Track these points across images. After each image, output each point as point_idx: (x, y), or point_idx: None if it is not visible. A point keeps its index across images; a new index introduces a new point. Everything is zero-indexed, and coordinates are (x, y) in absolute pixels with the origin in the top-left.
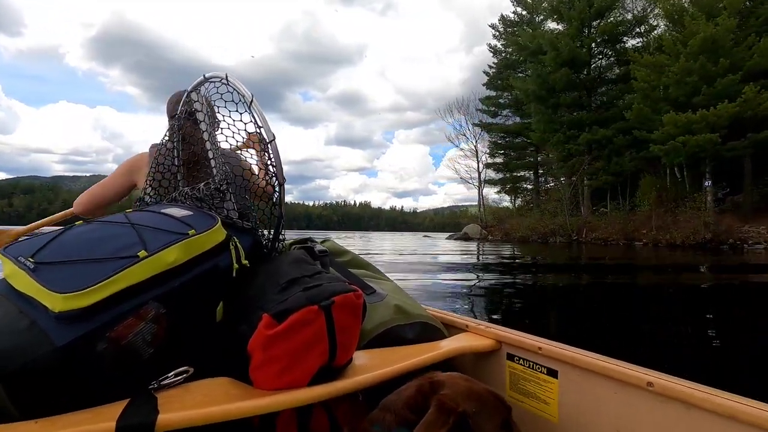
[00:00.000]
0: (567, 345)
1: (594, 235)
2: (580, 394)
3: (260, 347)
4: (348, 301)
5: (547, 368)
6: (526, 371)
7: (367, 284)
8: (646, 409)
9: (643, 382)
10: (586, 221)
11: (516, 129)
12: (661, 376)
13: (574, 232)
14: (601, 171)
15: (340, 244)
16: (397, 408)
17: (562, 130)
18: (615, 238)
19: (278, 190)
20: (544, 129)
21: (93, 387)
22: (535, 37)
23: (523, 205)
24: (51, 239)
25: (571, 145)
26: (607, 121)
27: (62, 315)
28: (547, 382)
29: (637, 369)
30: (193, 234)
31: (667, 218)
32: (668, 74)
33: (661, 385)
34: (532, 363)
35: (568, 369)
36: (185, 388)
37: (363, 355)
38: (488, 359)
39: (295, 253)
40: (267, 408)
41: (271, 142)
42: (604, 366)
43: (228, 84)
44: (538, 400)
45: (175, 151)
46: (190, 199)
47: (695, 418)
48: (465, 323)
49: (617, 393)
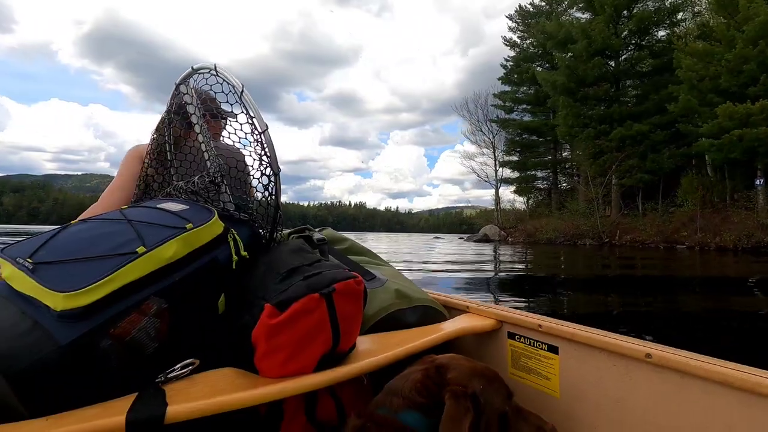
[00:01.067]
0: (566, 321)
1: (629, 238)
2: (581, 369)
3: (264, 337)
4: (349, 288)
5: (548, 345)
6: (528, 348)
7: (367, 270)
8: (644, 379)
9: (642, 354)
10: (619, 222)
11: (535, 125)
12: (659, 347)
13: (605, 234)
14: (636, 168)
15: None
16: (404, 392)
17: (592, 125)
18: (653, 241)
19: (273, 180)
20: (572, 124)
21: (100, 383)
22: (562, 26)
23: (542, 206)
24: (48, 239)
25: (602, 141)
26: (642, 115)
27: (64, 314)
28: (548, 359)
29: (636, 341)
30: (191, 228)
31: (715, 219)
32: (720, 63)
33: (659, 356)
34: (532, 340)
35: (568, 345)
36: (192, 380)
37: (366, 340)
38: (490, 339)
39: (293, 242)
40: (273, 396)
41: (264, 132)
42: (604, 340)
43: (217, 75)
44: (540, 376)
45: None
46: (185, 193)
47: (690, 385)
48: (466, 305)
49: (616, 365)
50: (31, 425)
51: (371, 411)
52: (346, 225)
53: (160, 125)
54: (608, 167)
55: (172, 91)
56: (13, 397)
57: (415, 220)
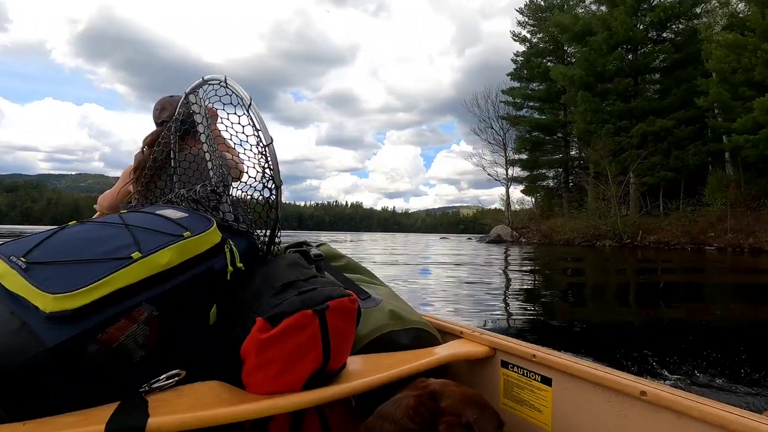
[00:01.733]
0: (561, 353)
1: (652, 238)
2: (574, 403)
3: (254, 351)
4: (342, 306)
5: (542, 376)
6: (521, 379)
7: (362, 289)
8: (639, 417)
9: (637, 391)
10: (640, 223)
11: (546, 123)
12: (654, 386)
13: (626, 234)
14: (659, 166)
15: (342, 248)
16: (397, 418)
17: (611, 121)
18: (679, 242)
19: (275, 193)
20: (590, 120)
21: (83, 389)
22: (579, 18)
23: (553, 206)
24: (44, 239)
25: (622, 137)
26: (664, 110)
27: (53, 316)
28: (541, 390)
29: (631, 378)
30: (188, 236)
31: (746, 219)
32: (754, 54)
33: (654, 394)
34: (526, 370)
35: (562, 377)
36: (177, 392)
37: (357, 360)
38: (482, 366)
39: (290, 256)
40: (259, 413)
41: (269, 145)
42: (598, 375)
43: (227, 87)
44: (532, 408)
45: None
46: (186, 201)
47: (685, 426)
48: (460, 329)
49: (610, 401)
50: (8, 430)
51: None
52: (342, 225)
53: (159, 137)
54: (628, 165)
55: (180, 100)
56: None
57: (412, 220)
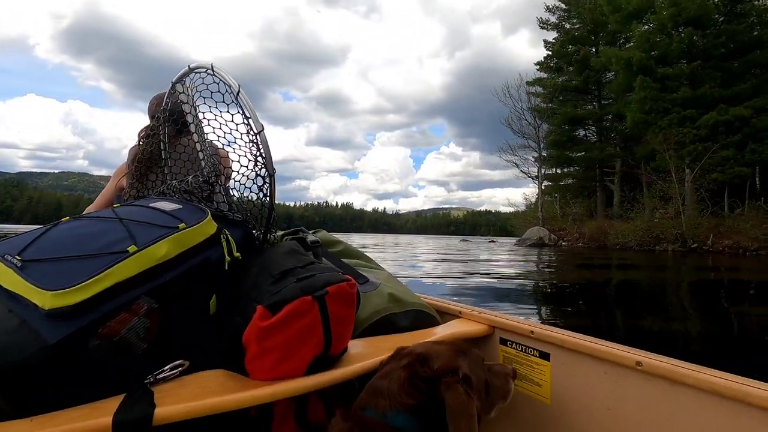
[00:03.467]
0: (558, 328)
1: (728, 243)
2: (572, 376)
3: (255, 339)
4: (342, 291)
5: (540, 351)
6: (519, 355)
7: (360, 273)
8: (635, 387)
9: (632, 362)
10: (714, 224)
11: (584, 114)
12: (649, 355)
13: (692, 238)
14: (731, 161)
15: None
16: (392, 393)
17: (674, 110)
18: (763, 248)
19: (268, 181)
20: (649, 109)
21: (87, 383)
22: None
23: (583, 206)
24: (38, 236)
25: (687, 128)
26: (736, 97)
27: (52, 312)
28: (540, 365)
29: (627, 349)
30: (183, 227)
31: None
32: None
33: (649, 364)
34: (524, 346)
35: (559, 351)
36: (181, 382)
37: (358, 344)
38: (482, 344)
39: (287, 244)
40: (263, 398)
41: (260, 133)
42: (595, 347)
43: (214, 74)
44: (531, 383)
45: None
46: (179, 193)
47: (679, 394)
48: (458, 309)
49: (607, 373)
50: (15, 426)
51: (357, 413)
52: (333, 226)
53: (147, 133)
54: (694, 159)
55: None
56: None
57: (402, 221)
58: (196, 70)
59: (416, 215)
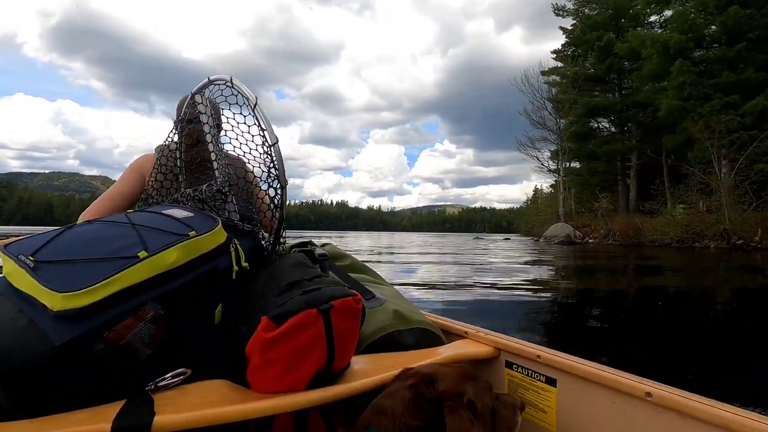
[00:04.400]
0: (565, 353)
1: None
2: (579, 403)
3: (258, 350)
4: (347, 306)
5: (546, 376)
6: (525, 379)
7: (367, 289)
8: (643, 418)
9: (642, 392)
10: (758, 219)
11: (607, 104)
12: (660, 387)
13: (737, 234)
14: None
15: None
16: (396, 413)
17: (716, 96)
18: None
19: (280, 193)
20: (687, 95)
21: (90, 386)
22: None
23: (602, 200)
24: (52, 238)
25: (730, 115)
26: None
27: (61, 314)
28: (546, 391)
29: (636, 379)
30: (194, 235)
31: None
32: None
33: (659, 396)
34: (530, 371)
35: (566, 378)
36: (182, 390)
37: (361, 360)
38: (486, 366)
39: (295, 256)
40: (263, 411)
41: (274, 145)
42: (603, 375)
43: (233, 87)
44: (537, 409)
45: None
46: (192, 201)
47: (691, 428)
48: (464, 330)
49: (615, 402)
50: (17, 427)
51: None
52: (328, 224)
53: (174, 137)
54: (740, 148)
55: (186, 100)
56: (3, 395)
57: (398, 219)
58: (215, 82)
59: (411, 213)
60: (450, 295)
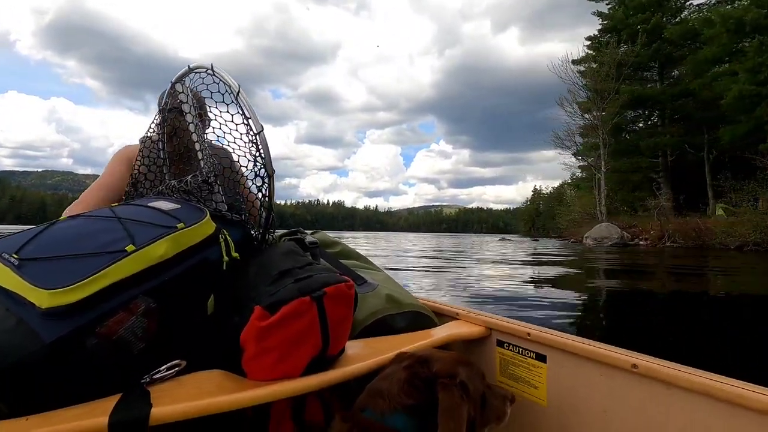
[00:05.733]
0: (555, 330)
1: None
2: (568, 378)
3: (253, 339)
4: (340, 292)
5: (536, 353)
6: (516, 357)
7: (359, 275)
8: (630, 389)
9: (628, 365)
10: None
11: (652, 93)
12: (645, 358)
13: None
14: None
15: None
16: (391, 393)
17: None
18: None
19: (267, 182)
20: (764, 79)
21: (84, 383)
22: None
23: (636, 198)
24: (35, 234)
25: None
26: None
27: (50, 311)
28: (536, 367)
29: (622, 352)
30: (182, 227)
31: None
32: None
33: (645, 367)
34: (521, 348)
35: (556, 354)
36: (178, 382)
37: (355, 345)
38: (478, 346)
39: (285, 244)
40: (260, 399)
41: (259, 133)
42: (591, 350)
43: (214, 74)
44: (528, 385)
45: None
46: (178, 192)
47: (674, 396)
48: (455, 311)
49: (603, 375)
50: (12, 425)
51: (356, 414)
52: (324, 224)
53: (155, 125)
54: None
55: (167, 89)
56: None
57: (394, 219)
58: (196, 70)
59: (408, 213)
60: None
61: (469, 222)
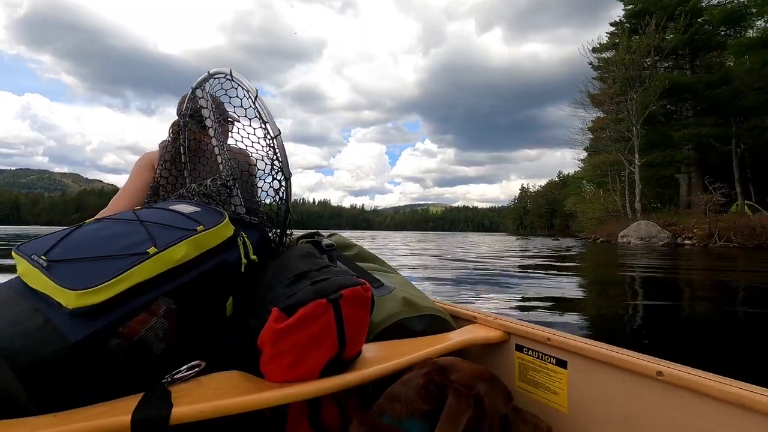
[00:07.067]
0: (575, 335)
1: None
2: (590, 384)
3: (270, 341)
4: (356, 294)
5: (556, 359)
6: (535, 362)
7: (375, 277)
8: (655, 397)
9: (653, 372)
10: None
11: (689, 81)
12: (671, 365)
13: None
14: None
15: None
16: (408, 399)
17: None
18: None
19: (285, 185)
20: None
21: (107, 381)
22: None
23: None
24: (62, 237)
25: None
26: None
27: (76, 312)
28: (557, 373)
29: (646, 358)
30: (202, 230)
31: None
32: None
33: (671, 374)
34: (540, 354)
35: (577, 359)
36: (197, 382)
37: (372, 348)
38: (497, 350)
39: (302, 247)
40: (278, 400)
41: (277, 137)
42: (613, 356)
43: (233, 80)
44: (548, 391)
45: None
46: (197, 196)
47: (703, 406)
48: (473, 315)
49: (626, 382)
50: (38, 421)
51: (373, 419)
52: (311, 223)
53: (175, 130)
54: None
55: (187, 95)
56: (23, 392)
57: (381, 218)
58: (215, 76)
59: (394, 212)
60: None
61: (455, 221)
